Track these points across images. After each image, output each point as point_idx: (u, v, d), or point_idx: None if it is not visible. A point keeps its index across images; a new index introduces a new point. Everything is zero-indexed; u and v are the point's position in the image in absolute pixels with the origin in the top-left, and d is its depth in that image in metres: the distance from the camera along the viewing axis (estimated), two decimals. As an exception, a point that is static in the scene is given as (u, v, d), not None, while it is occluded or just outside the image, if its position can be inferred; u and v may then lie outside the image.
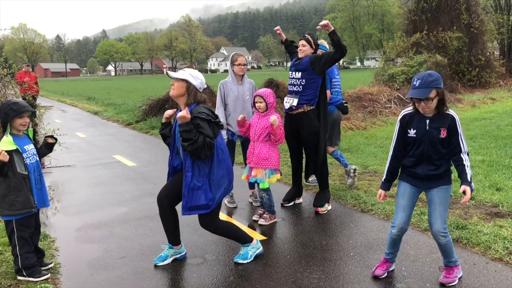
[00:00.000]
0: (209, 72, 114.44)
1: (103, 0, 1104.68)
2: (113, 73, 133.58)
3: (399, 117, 3.32)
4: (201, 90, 3.72)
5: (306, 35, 5.16)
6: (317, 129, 5.10)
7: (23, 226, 3.62)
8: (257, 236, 4.59)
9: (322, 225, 4.87)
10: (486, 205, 5.19)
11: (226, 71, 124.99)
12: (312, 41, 5.07)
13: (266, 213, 5.03)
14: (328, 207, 5.34)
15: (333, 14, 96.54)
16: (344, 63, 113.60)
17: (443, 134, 3.13)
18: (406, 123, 3.28)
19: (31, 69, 14.81)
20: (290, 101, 5.11)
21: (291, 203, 5.64)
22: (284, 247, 4.29)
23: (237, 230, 3.98)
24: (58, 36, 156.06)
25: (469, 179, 3.09)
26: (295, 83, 5.10)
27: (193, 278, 3.70)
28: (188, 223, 5.03)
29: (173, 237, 4.00)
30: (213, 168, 3.65)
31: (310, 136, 5.10)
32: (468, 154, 3.17)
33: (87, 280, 3.71)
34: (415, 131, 3.22)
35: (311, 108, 5.09)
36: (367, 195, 5.77)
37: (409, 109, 3.30)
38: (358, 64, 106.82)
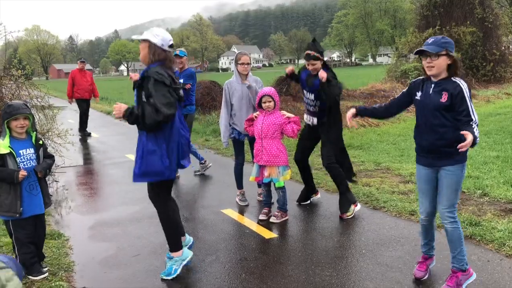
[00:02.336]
0: (220, 71, 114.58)
1: (115, 1, 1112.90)
2: (125, 73, 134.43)
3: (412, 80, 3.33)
4: (165, 48, 3.51)
5: (310, 52, 4.79)
6: (338, 136, 5.08)
7: (19, 227, 3.60)
8: (267, 234, 4.59)
9: (334, 223, 4.86)
10: (500, 201, 5.12)
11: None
12: (318, 55, 4.80)
13: (277, 210, 5.04)
14: (354, 208, 5.05)
15: (345, 10, 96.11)
16: (356, 60, 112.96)
17: (444, 98, 3.07)
18: (414, 86, 3.31)
19: (85, 67, 12.53)
20: (310, 120, 5.12)
21: (308, 201, 5.60)
22: (295, 245, 4.29)
23: (175, 230, 3.75)
24: (71, 37, 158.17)
25: (475, 133, 2.87)
26: (310, 103, 5.03)
27: (206, 275, 3.72)
28: (201, 221, 5.06)
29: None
30: (172, 135, 3.48)
31: (329, 142, 5.06)
32: (477, 126, 2.99)
33: (100, 278, 3.76)
34: (420, 93, 3.24)
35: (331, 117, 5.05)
36: (379, 192, 5.74)
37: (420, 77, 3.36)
38: (371, 60, 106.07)
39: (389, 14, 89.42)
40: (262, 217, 5.07)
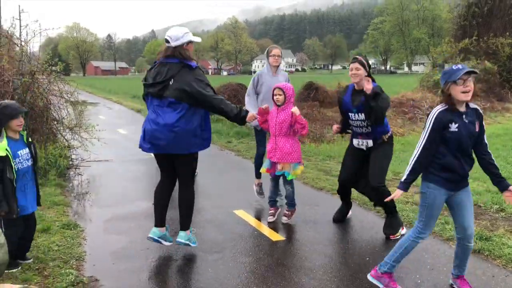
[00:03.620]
0: (253, 74, 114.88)
1: (153, 1, 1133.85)
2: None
3: (434, 114, 3.12)
4: (184, 46, 4.01)
5: (358, 57, 4.63)
6: (390, 154, 4.73)
7: (10, 225, 3.62)
8: (275, 236, 4.65)
9: (342, 230, 4.87)
10: (516, 217, 5.02)
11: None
12: (365, 62, 4.56)
13: (286, 209, 5.11)
14: (402, 231, 4.67)
15: (382, 17, 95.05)
16: (391, 68, 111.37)
17: (477, 127, 3.14)
18: (444, 118, 3.10)
19: None
20: (363, 144, 4.69)
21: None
22: (300, 249, 4.34)
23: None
24: (109, 35, 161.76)
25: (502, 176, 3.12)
26: (360, 125, 4.60)
27: (209, 272, 3.81)
28: (211, 220, 5.17)
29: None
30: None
31: (383, 159, 4.63)
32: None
33: (109, 268, 3.90)
34: (457, 125, 3.08)
35: (389, 134, 4.68)
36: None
37: (439, 106, 3.16)
38: (406, 69, 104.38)
39: (427, 23, 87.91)
40: (270, 218, 5.13)
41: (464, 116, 3.12)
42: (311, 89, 15.25)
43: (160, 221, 4.24)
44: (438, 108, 3.15)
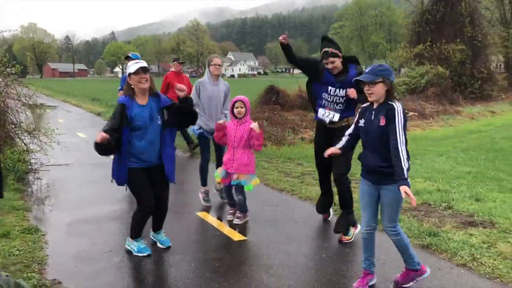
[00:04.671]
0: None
1: (113, 2, 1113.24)
2: (120, 75, 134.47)
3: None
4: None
5: (328, 49, 4.55)
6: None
7: None
8: (236, 236, 4.79)
9: (301, 228, 5.05)
10: (462, 214, 5.36)
11: (232, 76, 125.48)
12: (336, 51, 4.56)
13: (238, 212, 5.27)
14: (355, 231, 4.66)
15: (341, 22, 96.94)
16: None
17: (382, 122, 3.29)
18: (360, 114, 3.52)
19: (182, 69, 10.31)
20: (329, 116, 4.69)
21: (331, 215, 5.32)
22: (261, 248, 4.49)
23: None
24: (67, 37, 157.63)
25: (404, 175, 3.11)
26: (337, 101, 4.66)
27: (172, 273, 3.91)
28: (174, 222, 5.25)
29: None
30: None
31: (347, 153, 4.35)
32: (406, 146, 3.21)
33: (72, 271, 3.94)
34: (363, 121, 3.45)
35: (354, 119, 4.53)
36: (349, 201, 5.95)
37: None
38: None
39: (384, 28, 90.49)
40: (230, 217, 5.30)
41: (374, 112, 3.37)
42: (272, 93, 15.49)
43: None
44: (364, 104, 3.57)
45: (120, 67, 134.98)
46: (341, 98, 4.66)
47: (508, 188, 6.55)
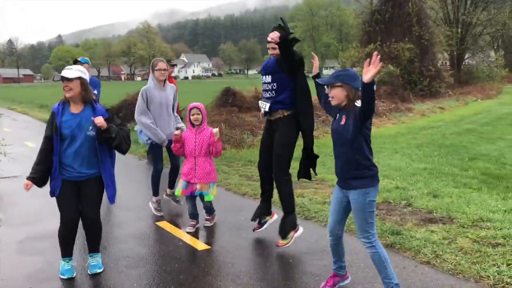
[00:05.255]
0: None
1: (59, 3, 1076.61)
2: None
3: None
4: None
5: (269, 36, 4.44)
6: (290, 140, 4.45)
7: None
8: (200, 245, 4.66)
9: (265, 233, 4.96)
10: (422, 211, 5.47)
11: (186, 77, 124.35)
12: (278, 32, 4.35)
13: (207, 216, 5.23)
14: (294, 235, 4.48)
15: (293, 23, 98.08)
16: (304, 72, 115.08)
17: (343, 121, 3.24)
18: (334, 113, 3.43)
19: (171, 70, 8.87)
20: (263, 106, 4.52)
21: (263, 227, 4.89)
22: (226, 256, 4.38)
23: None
24: (10, 41, 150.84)
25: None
26: (267, 88, 4.48)
27: (133, 287, 3.74)
28: (134, 234, 5.05)
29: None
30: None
31: (280, 147, 4.43)
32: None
33: (25, 293, 3.68)
34: (334, 120, 3.39)
35: (288, 113, 4.39)
36: (311, 203, 5.96)
37: None
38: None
39: (335, 28, 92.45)
40: (189, 229, 5.10)
41: (339, 114, 3.33)
42: (229, 95, 15.41)
43: None
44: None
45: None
46: (268, 85, 4.46)
47: (462, 183, 6.76)
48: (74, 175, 3.84)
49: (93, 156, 3.85)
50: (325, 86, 3.37)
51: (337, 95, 3.25)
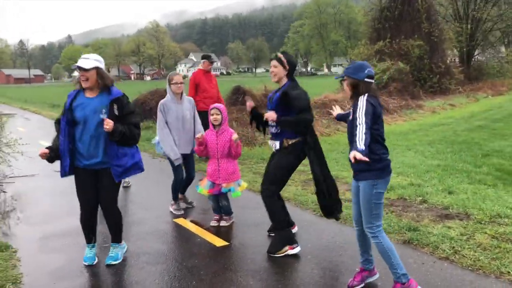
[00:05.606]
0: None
1: (69, 4, 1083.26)
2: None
3: None
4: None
5: (278, 54, 4.40)
6: (288, 164, 4.35)
7: None
8: (218, 242, 4.71)
9: (283, 230, 5.02)
10: (437, 207, 5.48)
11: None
12: (284, 60, 4.32)
13: (224, 216, 5.28)
14: (289, 250, 4.30)
15: (301, 21, 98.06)
16: (312, 70, 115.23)
17: (351, 115, 3.32)
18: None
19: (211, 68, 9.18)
20: (273, 146, 4.45)
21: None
22: (245, 252, 4.43)
23: (122, 223, 4.32)
24: (21, 41, 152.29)
25: (358, 146, 3.03)
26: (272, 124, 4.37)
27: (156, 284, 3.79)
28: (153, 231, 5.12)
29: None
30: None
31: (274, 168, 4.38)
32: (364, 125, 3.12)
33: (49, 289, 3.76)
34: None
35: (293, 141, 4.29)
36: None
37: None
38: (326, 70, 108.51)
39: (343, 26, 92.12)
40: (213, 223, 5.25)
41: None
42: (239, 93, 15.43)
43: None
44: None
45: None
46: (272, 122, 4.33)
47: (476, 179, 6.74)
48: (90, 163, 3.94)
49: (104, 140, 3.90)
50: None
51: (345, 88, 3.45)
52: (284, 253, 4.29)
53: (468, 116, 15.79)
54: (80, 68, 3.84)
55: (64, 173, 4.00)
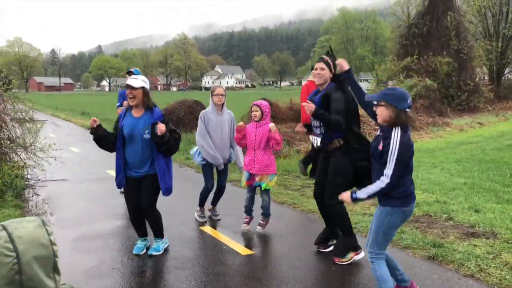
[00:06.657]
0: (203, 90, 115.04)
1: (100, 15, 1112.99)
2: (107, 89, 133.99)
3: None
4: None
5: (324, 56, 4.42)
6: (346, 169, 4.23)
7: None
8: (243, 250, 4.80)
9: (306, 241, 5.05)
10: (463, 225, 5.45)
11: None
12: (331, 63, 4.32)
13: (261, 219, 5.38)
14: (354, 257, 4.39)
15: (327, 35, 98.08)
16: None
17: (381, 146, 3.18)
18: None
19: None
20: (314, 141, 4.49)
21: (329, 248, 4.79)
22: (270, 261, 4.51)
23: (161, 222, 4.78)
24: (53, 50, 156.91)
25: (361, 193, 3.19)
26: (315, 124, 4.38)
27: (182, 287, 3.91)
28: (179, 237, 5.25)
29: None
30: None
31: (333, 175, 4.28)
32: (389, 178, 3.10)
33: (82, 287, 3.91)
34: (373, 142, 3.36)
35: (342, 141, 4.25)
36: (351, 214, 5.96)
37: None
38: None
39: (370, 41, 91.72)
40: (244, 226, 5.39)
41: (378, 135, 3.31)
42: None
43: None
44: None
45: (107, 80, 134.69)
46: (316, 122, 4.33)
47: (504, 199, 6.66)
48: (136, 173, 4.44)
49: (150, 155, 4.38)
50: (374, 102, 3.31)
51: (380, 113, 3.19)
52: (350, 261, 4.37)
53: (498, 135, 15.53)
54: (129, 86, 4.25)
55: (119, 184, 4.60)
